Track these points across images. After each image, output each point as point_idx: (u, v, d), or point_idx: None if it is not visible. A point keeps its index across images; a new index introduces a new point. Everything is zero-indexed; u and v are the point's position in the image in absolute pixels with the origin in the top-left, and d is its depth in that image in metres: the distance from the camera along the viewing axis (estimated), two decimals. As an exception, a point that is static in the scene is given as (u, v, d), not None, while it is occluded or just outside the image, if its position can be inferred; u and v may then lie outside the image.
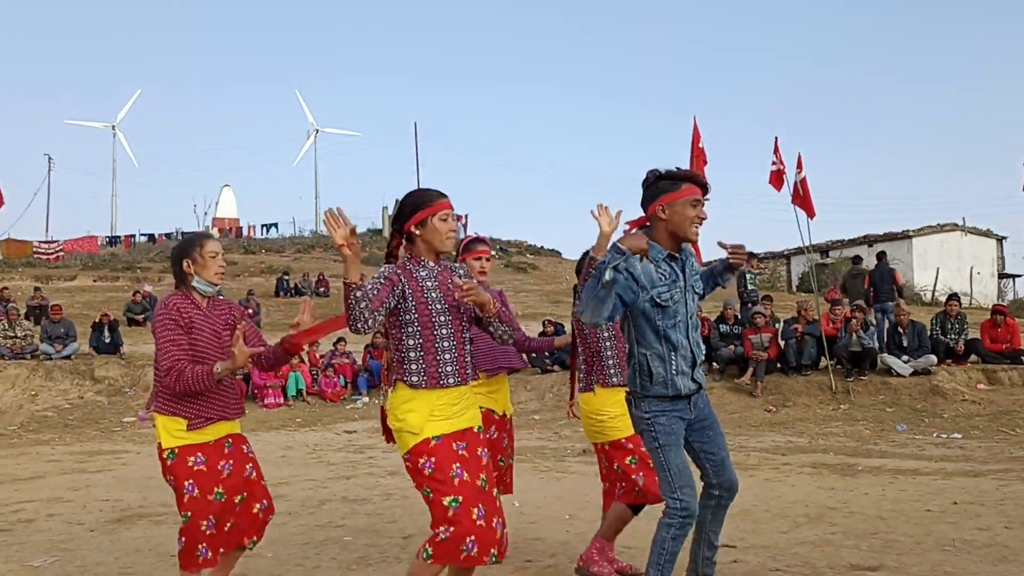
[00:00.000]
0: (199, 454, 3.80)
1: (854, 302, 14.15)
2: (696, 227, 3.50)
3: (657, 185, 3.50)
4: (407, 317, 3.43)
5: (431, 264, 3.53)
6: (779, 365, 12.86)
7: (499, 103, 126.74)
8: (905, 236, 33.47)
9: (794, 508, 6.21)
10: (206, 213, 53.98)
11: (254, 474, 3.99)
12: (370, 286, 3.32)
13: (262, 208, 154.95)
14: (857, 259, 17.68)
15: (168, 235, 46.56)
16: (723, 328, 13.45)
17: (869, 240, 34.64)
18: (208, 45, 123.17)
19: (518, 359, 5.03)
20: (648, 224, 3.55)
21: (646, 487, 4.34)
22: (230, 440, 3.95)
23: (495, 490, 3.49)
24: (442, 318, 3.45)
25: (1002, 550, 4.92)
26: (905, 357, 12.30)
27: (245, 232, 48.04)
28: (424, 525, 5.79)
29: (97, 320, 16.82)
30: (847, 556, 4.87)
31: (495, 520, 3.37)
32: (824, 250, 34.85)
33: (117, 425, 12.89)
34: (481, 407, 4.62)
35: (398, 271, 3.45)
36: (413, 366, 3.42)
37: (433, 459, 3.35)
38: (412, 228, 3.50)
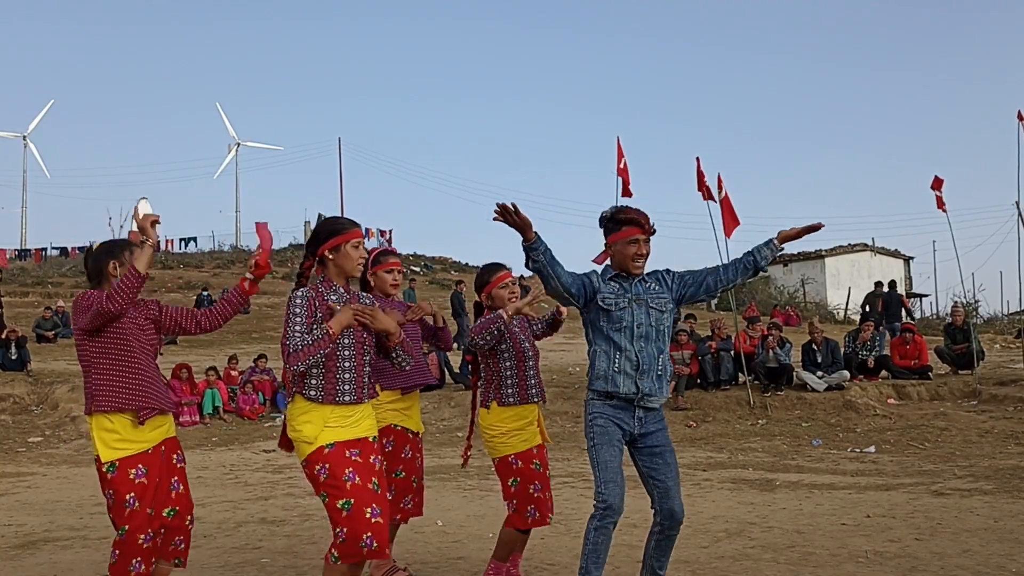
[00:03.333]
0: (140, 466, 3.78)
1: (872, 318, 15.70)
2: (638, 262, 3.85)
3: (605, 227, 3.91)
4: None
5: (340, 289, 3.79)
6: (699, 381, 13.08)
7: (424, 120, 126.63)
8: (818, 256, 34.52)
9: (715, 523, 6.30)
10: (121, 226, 52.27)
11: (181, 487, 3.97)
12: (299, 329, 3.58)
13: (180, 222, 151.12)
14: (878, 284, 20.09)
15: (81, 249, 44.97)
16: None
17: (784, 260, 35.59)
18: (126, 56, 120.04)
19: (430, 375, 5.04)
20: (610, 257, 3.95)
21: (512, 517, 4.48)
22: (163, 447, 3.91)
23: (387, 494, 3.76)
24: (346, 340, 3.68)
25: (912, 561, 5.07)
26: (820, 373, 12.64)
27: (163, 246, 46.77)
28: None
29: (3, 336, 16.15)
30: (765, 569, 4.95)
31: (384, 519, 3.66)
32: (742, 269, 35.59)
33: (22, 446, 12.36)
34: (397, 425, 4.78)
35: (311, 294, 3.69)
36: (313, 381, 3.65)
37: (328, 465, 3.59)
38: (326, 252, 3.75)
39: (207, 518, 6.96)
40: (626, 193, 12.95)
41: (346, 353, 3.69)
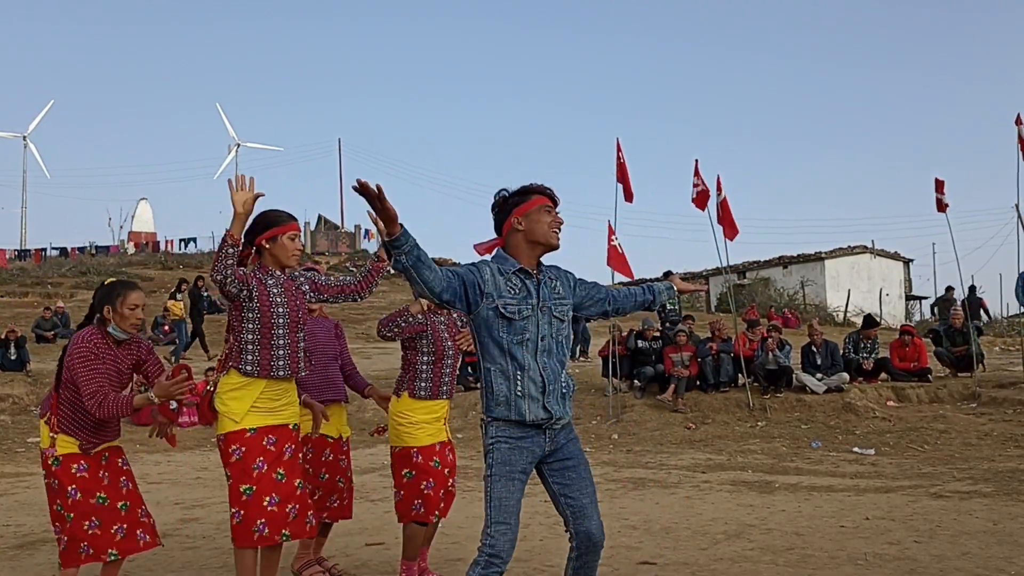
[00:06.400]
0: (82, 462, 4.13)
1: (944, 321, 15.55)
2: (556, 231, 3.35)
3: (507, 202, 3.38)
4: (250, 314, 3.95)
5: (277, 273, 4.08)
6: (698, 383, 13.07)
7: (424, 120, 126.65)
8: (818, 258, 34.50)
9: (713, 525, 6.29)
10: (121, 227, 52.40)
11: (130, 484, 4.30)
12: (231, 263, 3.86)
13: (180, 222, 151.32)
14: (949, 288, 20.01)
15: (81, 249, 44.97)
16: (642, 344, 13.59)
17: (784, 261, 35.61)
18: (126, 56, 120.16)
19: (343, 393, 5.27)
20: (504, 245, 3.39)
21: (397, 505, 4.67)
22: (107, 454, 4.25)
23: (297, 480, 4.00)
24: (281, 320, 3.97)
25: (911, 563, 5.07)
26: (819, 375, 12.63)
27: (162, 246, 46.75)
28: (349, 545, 5.69)
29: (2, 337, 16.15)
30: (764, 572, 4.95)
31: (289, 506, 3.92)
32: (741, 271, 35.66)
33: (21, 446, 12.35)
34: (313, 434, 4.97)
35: (250, 274, 3.98)
36: (249, 356, 3.94)
37: (243, 449, 3.88)
38: (263, 242, 4.05)
39: (206, 519, 6.96)
40: (628, 198, 12.91)
41: (280, 332, 3.97)
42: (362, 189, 2.98)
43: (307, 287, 4.19)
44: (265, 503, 3.84)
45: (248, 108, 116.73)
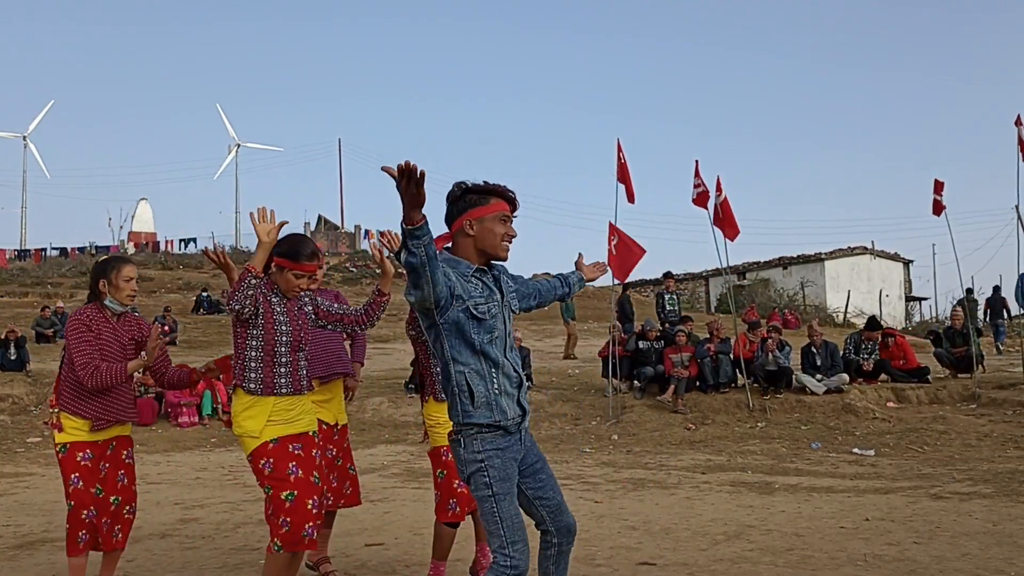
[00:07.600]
0: (87, 451, 4.31)
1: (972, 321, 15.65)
2: (506, 244, 3.23)
3: (464, 199, 3.21)
4: (254, 331, 4.00)
5: (280, 293, 4.12)
6: (697, 383, 13.08)
7: (424, 120, 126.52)
8: (818, 259, 34.52)
9: (713, 526, 6.30)
10: (121, 227, 52.37)
11: (126, 480, 4.46)
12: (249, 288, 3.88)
13: (180, 223, 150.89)
14: (969, 290, 20.45)
15: (81, 249, 44.93)
16: (642, 345, 13.59)
17: (784, 262, 35.63)
18: (126, 56, 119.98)
19: (349, 365, 5.26)
20: (452, 241, 3.27)
21: (436, 507, 4.64)
22: (114, 443, 4.42)
23: (323, 486, 4.08)
24: (284, 338, 4.04)
25: (911, 564, 5.07)
26: (819, 376, 12.64)
27: (162, 247, 46.72)
28: (349, 546, 5.69)
29: (2, 337, 16.15)
30: (764, 572, 4.95)
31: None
32: (741, 272, 35.67)
33: (21, 446, 12.35)
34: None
35: (262, 290, 4.02)
36: (252, 374, 4.00)
37: (272, 460, 3.93)
38: (273, 265, 4.11)
39: (205, 519, 6.96)
40: (630, 199, 12.92)
41: (283, 349, 4.03)
42: (407, 170, 2.75)
43: (309, 308, 4.23)
44: (309, 506, 3.89)
45: (248, 108, 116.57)
